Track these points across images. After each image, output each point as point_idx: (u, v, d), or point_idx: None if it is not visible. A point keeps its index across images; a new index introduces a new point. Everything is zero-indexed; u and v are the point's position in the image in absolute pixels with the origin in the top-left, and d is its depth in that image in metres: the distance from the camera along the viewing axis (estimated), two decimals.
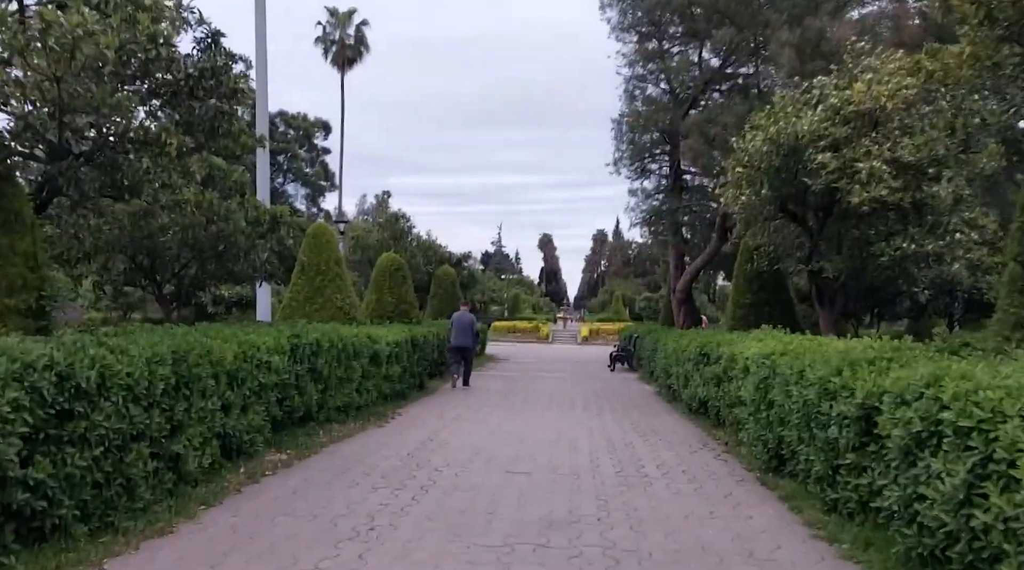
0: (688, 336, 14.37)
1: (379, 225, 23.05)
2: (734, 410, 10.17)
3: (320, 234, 16.23)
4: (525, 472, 8.32)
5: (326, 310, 15.77)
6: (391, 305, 20.12)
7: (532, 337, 48.19)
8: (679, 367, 14.16)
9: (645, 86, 24.98)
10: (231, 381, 7.89)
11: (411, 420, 12.48)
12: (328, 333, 11.07)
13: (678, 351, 14.52)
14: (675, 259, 25.75)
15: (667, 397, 15.81)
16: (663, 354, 16.47)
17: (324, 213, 43.14)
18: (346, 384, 11.76)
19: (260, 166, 14.96)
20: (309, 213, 44.23)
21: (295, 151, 46.60)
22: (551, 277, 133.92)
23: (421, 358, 16.89)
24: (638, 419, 12.91)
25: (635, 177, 26.49)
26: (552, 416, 13.10)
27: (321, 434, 10.42)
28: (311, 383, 10.27)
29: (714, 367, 11.57)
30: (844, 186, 11.16)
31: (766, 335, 10.95)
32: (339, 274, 16.12)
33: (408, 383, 15.73)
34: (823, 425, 6.48)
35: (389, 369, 14.23)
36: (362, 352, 12.52)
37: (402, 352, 15.15)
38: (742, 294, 15.64)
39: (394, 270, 20.39)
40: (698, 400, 12.53)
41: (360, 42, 62.01)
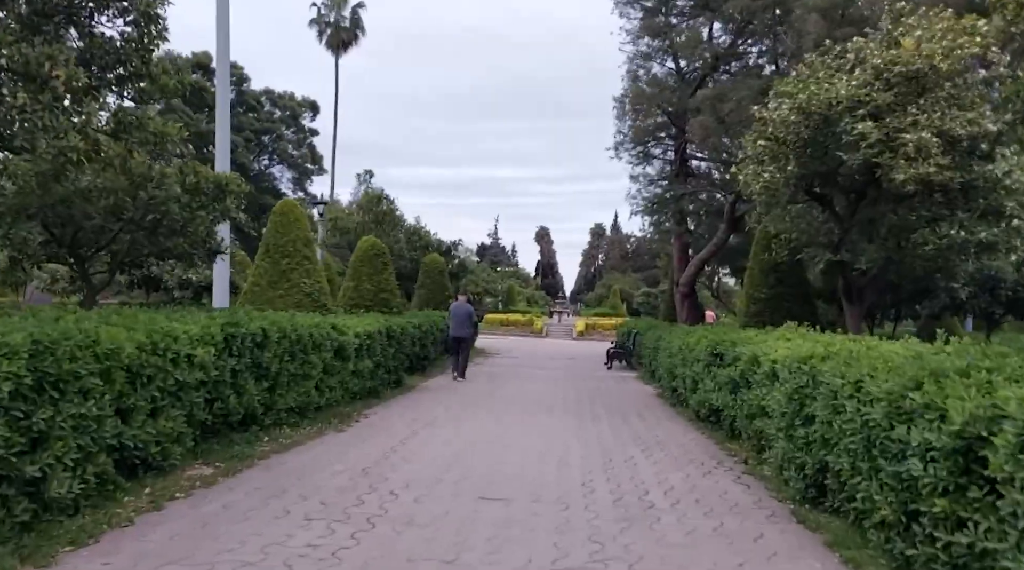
0: (697, 333, 12.76)
1: (359, 207, 21.34)
2: (755, 422, 8.56)
3: (287, 212, 14.59)
4: (502, 499, 6.70)
5: (292, 296, 14.17)
6: (370, 293, 18.49)
7: (526, 331, 46.57)
8: (686, 368, 12.54)
9: (650, 65, 23.34)
10: (132, 379, 6.25)
11: (379, 424, 10.85)
12: (279, 322, 9.43)
13: (685, 350, 12.91)
14: (678, 250, 24.12)
15: (671, 401, 14.20)
16: (667, 353, 14.85)
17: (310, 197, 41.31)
18: (302, 381, 10.13)
19: (219, 128, 13.28)
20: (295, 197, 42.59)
21: (280, 131, 44.67)
22: (547, 270, 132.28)
23: (398, 352, 15.26)
24: (639, 427, 11.30)
25: (637, 162, 24.90)
26: (541, 421, 11.48)
27: (266, 441, 8.81)
28: (253, 380, 8.62)
29: (729, 370, 9.96)
30: (886, 161, 9.52)
31: (794, 334, 9.34)
32: (308, 256, 14.49)
33: (382, 380, 14.11)
34: (894, 455, 4.86)
35: (358, 364, 12.61)
36: (324, 344, 10.88)
37: (375, 345, 13.51)
38: (757, 287, 14.02)
39: (374, 255, 18.75)
40: (709, 407, 10.92)
41: (356, 25, 60.26)
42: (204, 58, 41.31)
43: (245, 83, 44.51)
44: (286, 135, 45.58)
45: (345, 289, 18.85)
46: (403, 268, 26.08)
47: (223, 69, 13.22)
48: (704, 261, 22.29)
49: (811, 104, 10.20)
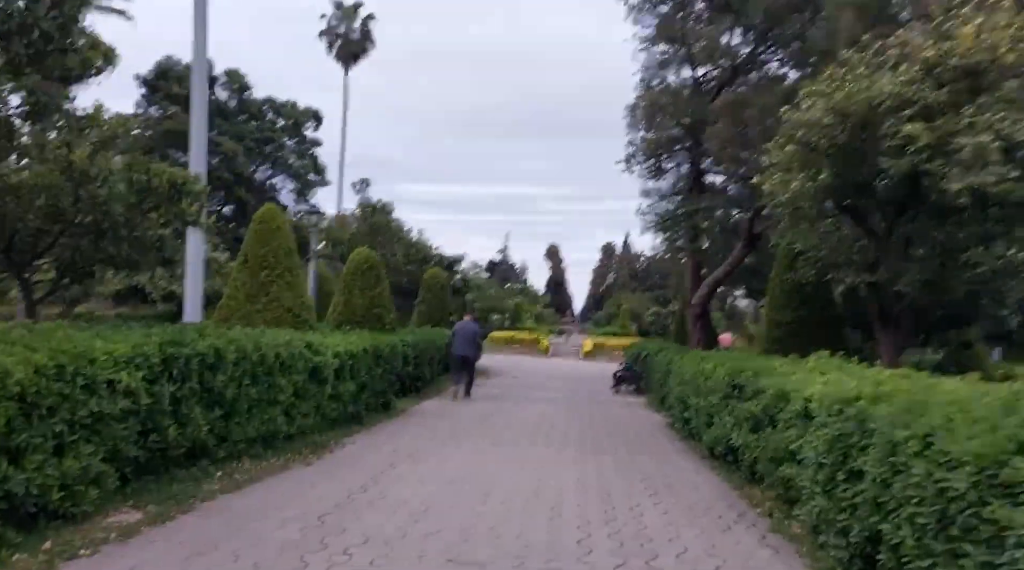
0: (712, 359, 11.54)
1: (355, 216, 20.25)
2: (783, 468, 7.33)
3: (268, 220, 13.48)
4: (476, 564, 5.49)
5: (271, 311, 13.03)
6: (362, 309, 17.33)
7: (531, 350, 45.30)
8: (700, 399, 11.30)
9: (665, 73, 22.19)
10: (26, 411, 5.10)
11: (355, 455, 9.67)
12: (238, 340, 8.27)
13: (699, 378, 11.68)
14: (692, 270, 22.88)
15: (682, 433, 12.94)
16: (678, 379, 13.61)
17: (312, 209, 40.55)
18: (267, 408, 8.96)
19: (195, 121, 12.23)
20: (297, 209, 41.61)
21: (282, 141, 43.55)
22: (557, 288, 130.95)
23: (386, 372, 14.08)
24: (647, 464, 10.06)
25: (650, 176, 23.68)
26: (536, 455, 10.25)
27: (217, 477, 7.64)
28: (201, 408, 7.45)
29: (750, 404, 8.72)
30: (936, 169, 8.32)
31: (828, 365, 8.13)
32: (290, 268, 13.35)
33: (367, 404, 12.93)
34: (987, 541, 3.65)
35: (339, 387, 11.45)
36: (295, 366, 9.72)
37: (358, 365, 12.35)
38: (780, 310, 12.80)
39: (367, 268, 17.61)
40: (726, 444, 9.68)
41: (366, 36, 59.63)
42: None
43: (247, 91, 43.63)
44: (288, 145, 44.55)
45: (335, 304, 17.72)
46: (401, 283, 24.96)
47: (200, 66, 12.18)
48: (719, 281, 21.06)
49: (849, 104, 9.03)
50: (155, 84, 37.35)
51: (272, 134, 42.82)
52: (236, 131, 40.17)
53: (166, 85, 37.47)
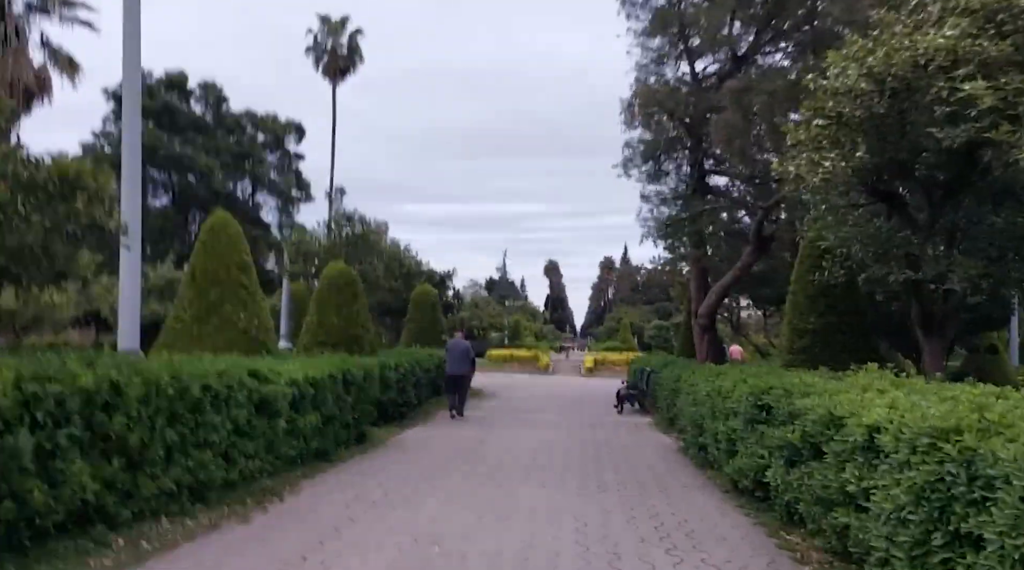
0: (731, 376, 9.93)
1: (328, 228, 18.69)
2: (837, 514, 5.71)
3: (220, 229, 11.93)
4: None
5: (223, 333, 11.46)
6: (337, 329, 15.74)
7: (531, 367, 43.65)
8: (719, 423, 9.68)
9: (662, 69, 20.71)
10: None
11: (308, 504, 8.03)
12: (147, 371, 6.67)
13: (716, 397, 10.06)
14: (697, 278, 21.29)
15: (697, 460, 11.31)
16: (691, 399, 11.98)
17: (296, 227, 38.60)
18: (193, 452, 7.34)
19: (127, 109, 10.70)
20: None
21: (260, 155, 41.70)
22: (557, 304, 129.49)
23: (361, 400, 12.45)
24: (660, 503, 8.42)
25: (648, 180, 22.16)
26: (528, 498, 8.61)
27: (119, 546, 6.01)
28: (85, 461, 5.83)
29: (784, 430, 7.12)
30: (1002, 137, 6.75)
31: (882, 381, 6.54)
32: (244, 285, 11.78)
33: (336, 437, 11.30)
34: None
35: (298, 420, 9.83)
36: (234, 398, 8.11)
37: (324, 394, 10.74)
38: (803, 316, 11.20)
39: (343, 285, 16.04)
40: (754, 479, 8.06)
41: (353, 52, 58.29)
42: (179, 78, 38.81)
43: (224, 103, 41.89)
44: (269, 160, 42.78)
45: (307, 325, 16.13)
46: (388, 301, 23.35)
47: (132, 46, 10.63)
48: (727, 289, 19.47)
49: (888, 67, 7.49)
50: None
51: (251, 149, 41.06)
52: (212, 146, 38.50)
53: None
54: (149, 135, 34.91)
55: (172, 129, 37.35)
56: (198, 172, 36.07)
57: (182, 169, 36.36)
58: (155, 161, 35.82)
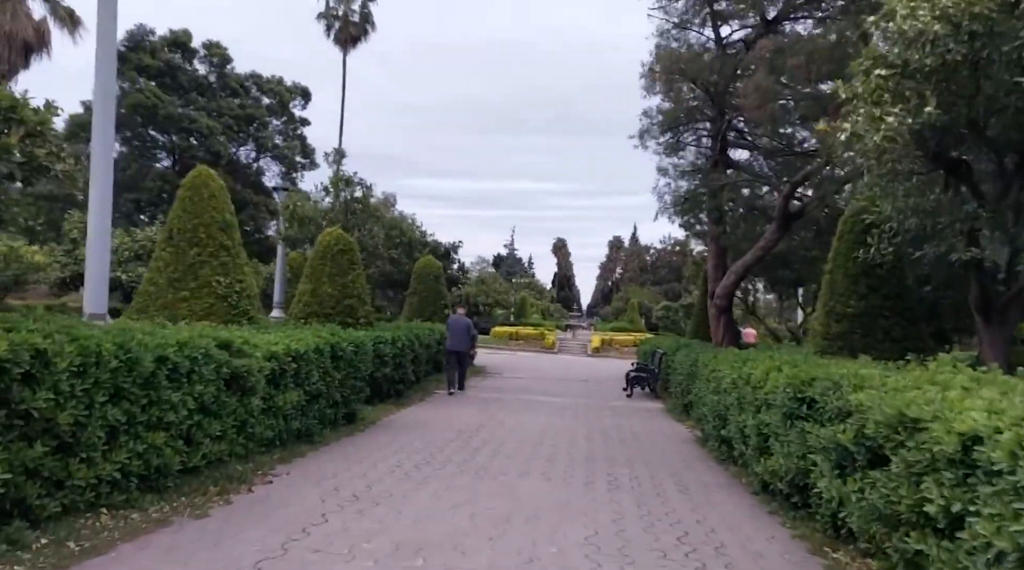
0: (760, 362, 8.86)
1: (325, 190, 17.58)
2: (909, 538, 4.66)
3: (200, 185, 10.86)
4: None
5: (201, 299, 10.46)
6: (332, 299, 14.69)
7: (536, 346, 42.64)
8: (746, 415, 8.62)
9: (685, 34, 19.46)
10: None
11: (279, 496, 7.04)
12: (85, 339, 5.64)
13: (743, 386, 9.00)
14: (714, 256, 20.13)
15: (718, 453, 10.27)
16: (712, 386, 10.92)
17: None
18: (145, 433, 6.33)
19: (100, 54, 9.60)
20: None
21: (264, 119, 40.30)
22: (564, 283, 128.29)
23: (351, 377, 11.44)
24: (681, 508, 7.40)
25: (666, 152, 20.98)
26: (530, 495, 7.60)
27: (40, 546, 5.04)
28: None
29: (831, 429, 6.07)
30: None
31: (966, 376, 5.48)
32: (225, 246, 10.74)
33: (320, 417, 10.30)
34: None
35: (277, 397, 8.83)
36: (198, 372, 7.09)
37: (309, 369, 9.72)
38: (841, 299, 10.09)
39: (338, 252, 14.96)
40: (790, 482, 7.02)
41: (365, 19, 56.94)
42: (183, 36, 37.46)
43: (228, 65, 40.44)
44: (273, 124, 41.34)
45: (300, 294, 15.08)
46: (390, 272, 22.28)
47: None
48: (747, 269, 18.32)
49: (970, 5, 6.33)
50: (125, 55, 34.59)
51: (255, 112, 39.73)
52: (215, 108, 37.22)
53: (136, 57, 34.66)
54: (149, 95, 33.73)
55: (174, 89, 36.14)
56: (199, 134, 34.81)
57: (182, 131, 35.13)
58: (155, 122, 34.69)
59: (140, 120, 34.52)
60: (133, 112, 33.81)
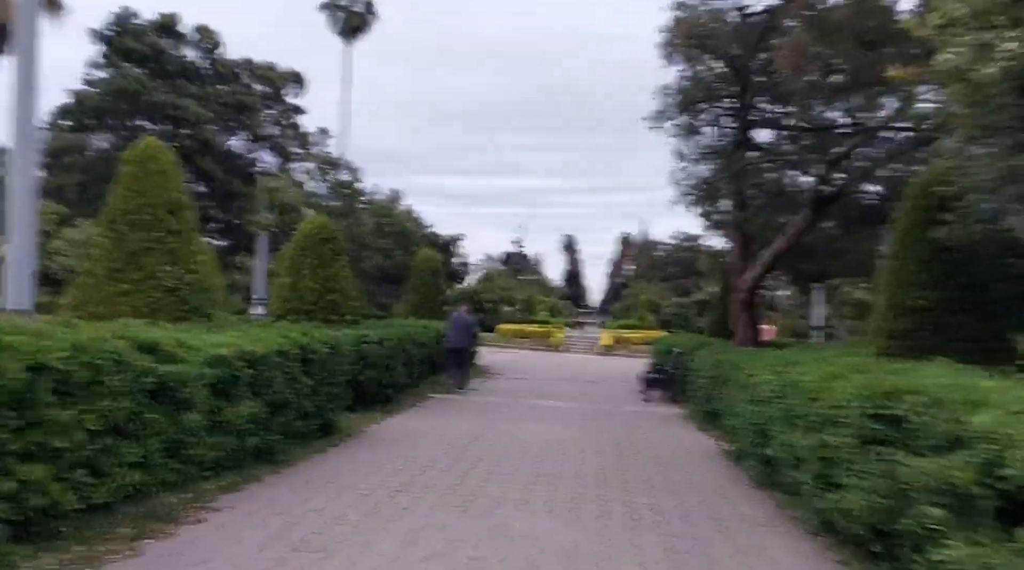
0: (813, 366, 7.22)
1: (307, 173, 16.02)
2: None
3: (146, 160, 9.30)
4: None
5: (144, 293, 8.91)
6: (313, 294, 13.17)
7: (543, 344, 41.00)
8: (797, 433, 6.96)
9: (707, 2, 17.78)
10: None
11: (204, 548, 5.46)
12: None
13: (792, 395, 7.34)
14: (737, 246, 18.42)
15: (757, 475, 8.63)
16: (748, 394, 9.24)
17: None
18: (19, 466, 4.77)
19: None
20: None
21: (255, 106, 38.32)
22: (573, 280, 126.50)
23: (325, 382, 9.86)
24: (720, 554, 5.79)
25: (684, 133, 19.33)
26: (528, 536, 5.99)
27: None
28: None
29: (942, 463, 4.44)
30: None
31: None
32: (175, 231, 9.19)
33: (286, 430, 8.72)
34: None
35: (228, 410, 7.26)
36: (106, 384, 5.52)
37: (269, 376, 8.15)
38: (906, 289, 8.44)
39: (321, 241, 13.43)
40: (870, 525, 5.39)
41: (369, 9, 55.55)
42: (170, 20, 35.68)
43: (219, 50, 38.66)
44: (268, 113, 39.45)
45: (279, 288, 13.57)
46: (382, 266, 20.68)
47: None
48: (776, 258, 16.63)
49: None
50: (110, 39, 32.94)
51: (247, 99, 37.83)
52: (204, 95, 35.45)
53: (121, 41, 32.94)
54: (134, 80, 32.14)
55: (160, 75, 34.47)
56: (188, 122, 33.14)
57: (169, 118, 33.51)
58: (140, 109, 33.09)
59: (125, 107, 32.96)
60: (116, 99, 32.21)
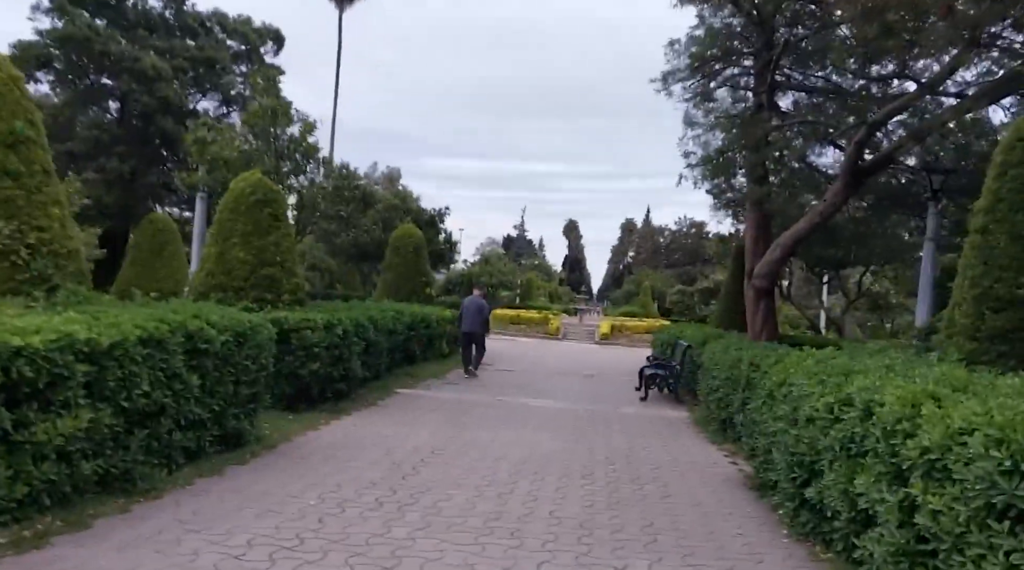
0: (879, 375, 4.94)
1: (246, 122, 13.62)
2: None
3: None
4: None
5: None
6: (244, 268, 10.92)
7: (539, 331, 38.77)
8: (868, 479, 4.65)
9: None
10: None
11: None
12: None
13: (857, 423, 5.02)
14: (754, 227, 16.04)
15: (800, 526, 6.33)
16: (785, 412, 6.89)
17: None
18: None
19: None
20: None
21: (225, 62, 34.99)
22: (574, 265, 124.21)
23: (227, 380, 7.57)
24: None
25: (696, 98, 17.00)
26: None
27: None
28: None
29: None
30: None
31: None
32: (14, 173, 6.87)
33: (160, 447, 6.45)
34: None
35: (47, 425, 5.03)
36: None
37: (128, 373, 5.88)
38: (1002, 276, 6.13)
39: (255, 203, 11.14)
40: None
41: None
42: None
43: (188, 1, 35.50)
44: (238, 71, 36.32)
45: (204, 260, 11.29)
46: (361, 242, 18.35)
47: None
48: (799, 240, 14.28)
49: None
50: None
51: (216, 55, 34.49)
52: (166, 48, 32.47)
53: None
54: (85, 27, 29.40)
55: (117, 24, 31.69)
56: (145, 76, 30.36)
57: (123, 71, 30.76)
58: (93, 61, 30.31)
59: (75, 59, 30.25)
60: (63, 48, 29.50)
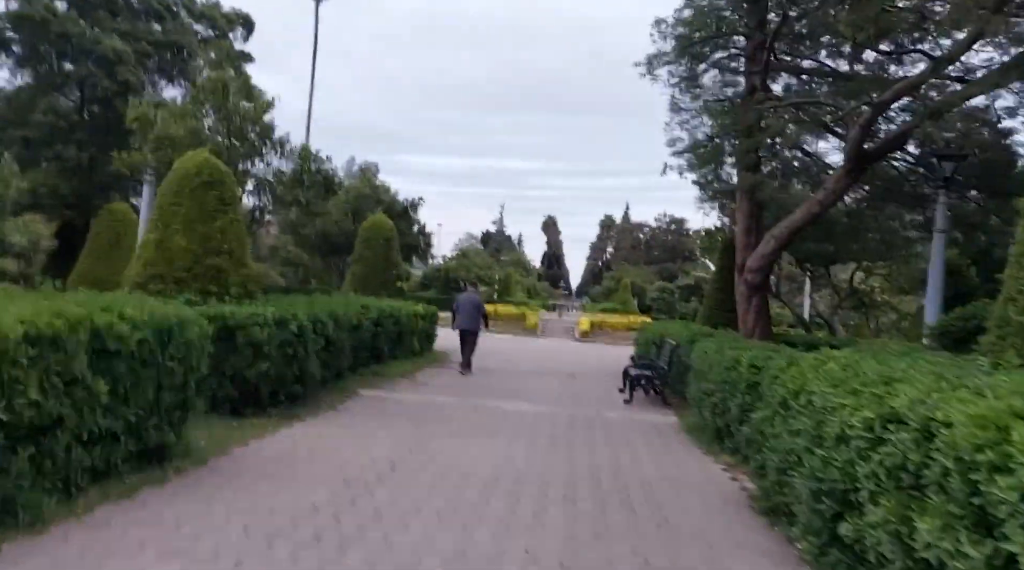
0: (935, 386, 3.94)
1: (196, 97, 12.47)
2: None
3: None
4: None
5: None
6: (188, 257, 9.76)
7: (516, 327, 37.76)
8: (931, 522, 3.63)
9: None
10: None
11: None
12: None
13: (909, 448, 3.99)
14: (746, 217, 15.10)
15: (811, 548, 5.32)
16: (801, 424, 5.86)
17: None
18: None
19: None
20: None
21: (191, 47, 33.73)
22: (553, 261, 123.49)
23: (147, 385, 6.43)
24: None
25: (683, 82, 16.09)
26: None
27: None
28: None
29: None
30: None
31: None
32: None
33: (54, 468, 5.32)
34: None
35: None
36: None
37: (6, 381, 4.73)
38: None
39: (201, 185, 9.99)
40: None
41: None
42: None
43: None
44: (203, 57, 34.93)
45: (143, 248, 10.13)
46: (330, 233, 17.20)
47: None
48: (794, 232, 13.34)
49: None
50: None
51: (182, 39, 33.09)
52: (128, 31, 31.11)
53: None
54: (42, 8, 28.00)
55: (77, 6, 30.24)
56: (105, 59, 28.95)
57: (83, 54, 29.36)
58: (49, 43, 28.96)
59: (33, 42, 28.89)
60: (19, 30, 28.15)
